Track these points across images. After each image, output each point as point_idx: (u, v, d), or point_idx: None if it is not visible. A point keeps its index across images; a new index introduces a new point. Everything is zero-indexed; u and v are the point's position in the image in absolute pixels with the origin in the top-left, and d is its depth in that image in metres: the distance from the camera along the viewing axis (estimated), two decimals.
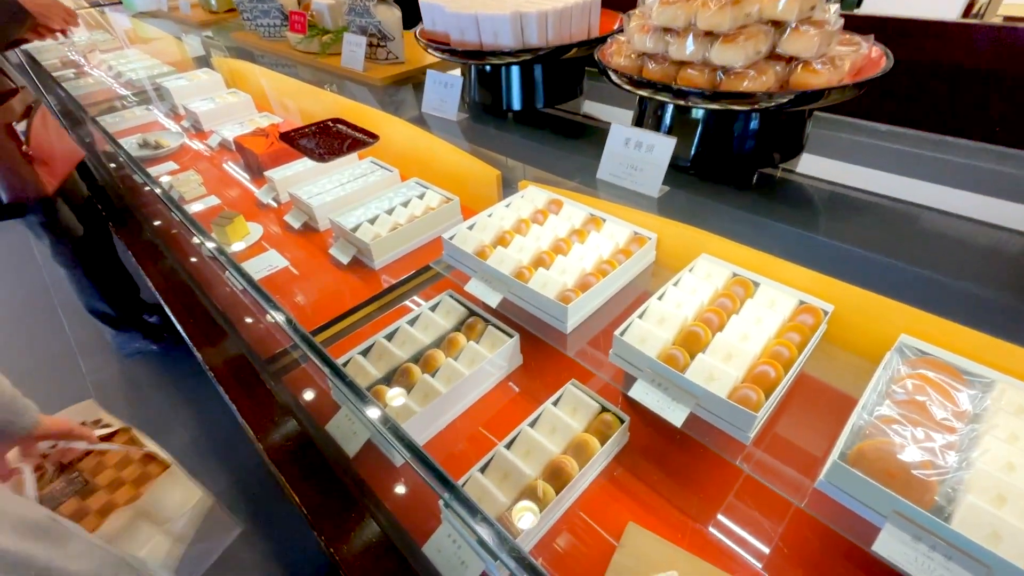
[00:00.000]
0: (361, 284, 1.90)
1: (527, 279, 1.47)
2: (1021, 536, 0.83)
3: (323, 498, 1.24)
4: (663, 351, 1.22)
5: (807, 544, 1.10)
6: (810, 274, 1.37)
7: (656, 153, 1.68)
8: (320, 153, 2.23)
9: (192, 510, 1.48)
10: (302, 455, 1.35)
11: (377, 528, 1.17)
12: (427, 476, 0.97)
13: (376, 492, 1.25)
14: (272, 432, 1.41)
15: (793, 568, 1.06)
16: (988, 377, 1.10)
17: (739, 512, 1.17)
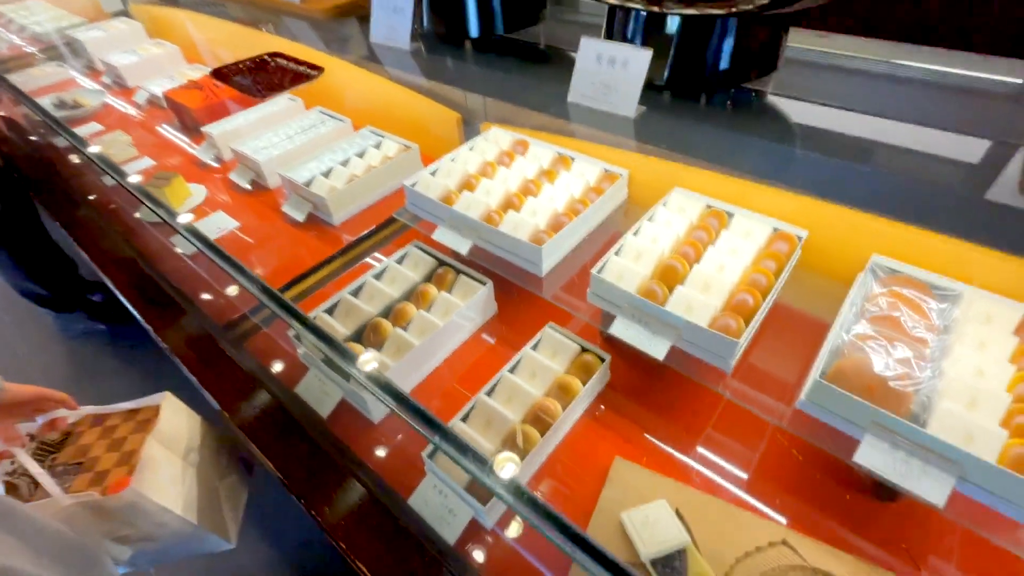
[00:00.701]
0: (320, 242, 1.79)
1: (497, 223, 1.41)
2: (991, 436, 0.86)
3: (300, 463, 1.19)
4: (641, 286, 1.19)
5: (786, 463, 1.13)
6: (784, 198, 1.35)
7: (631, 69, 1.59)
8: (259, 90, 2.02)
9: (203, 437, 1.44)
10: (273, 422, 1.28)
11: (360, 487, 1.14)
12: (415, 422, 0.92)
13: (355, 451, 1.20)
14: (239, 402, 1.33)
15: (774, 486, 1.09)
16: (956, 289, 1.12)
17: (722, 439, 1.18)
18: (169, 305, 1.67)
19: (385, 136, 2.06)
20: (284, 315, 1.14)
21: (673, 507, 1.00)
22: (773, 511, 1.04)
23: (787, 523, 1.02)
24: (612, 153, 1.62)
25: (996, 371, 0.97)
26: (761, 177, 1.39)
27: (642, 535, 0.95)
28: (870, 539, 0.99)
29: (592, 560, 0.72)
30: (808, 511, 1.04)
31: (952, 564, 0.96)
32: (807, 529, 1.00)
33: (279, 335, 1.50)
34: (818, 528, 1.01)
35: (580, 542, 0.74)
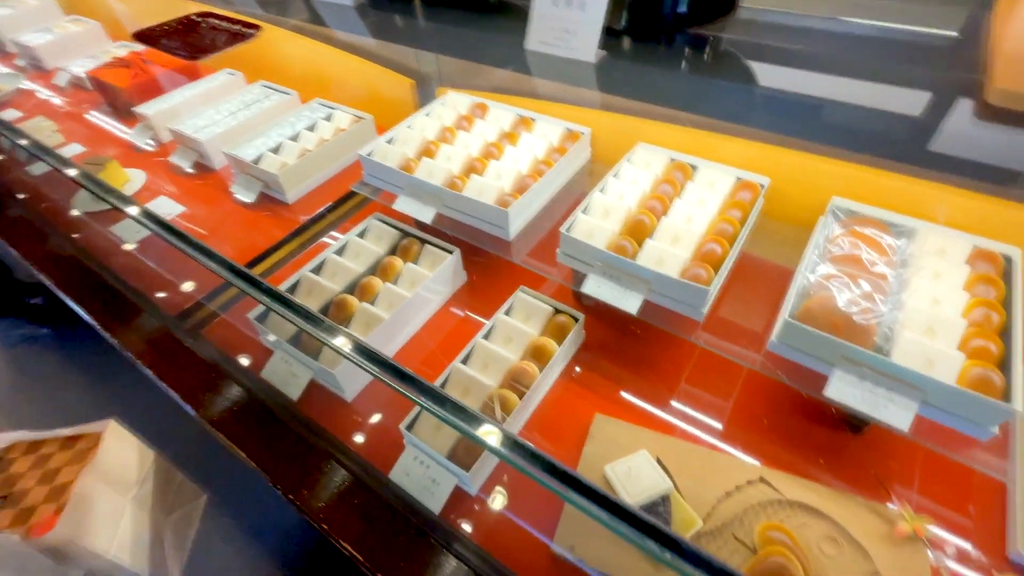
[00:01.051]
0: (275, 222, 1.70)
1: (460, 188, 1.36)
2: (950, 359, 0.90)
3: (274, 450, 1.14)
4: (611, 242, 1.18)
5: (760, 406, 1.15)
6: (746, 147, 1.35)
7: (589, 11, 1.54)
8: (190, 53, 1.87)
9: (151, 470, 1.33)
10: (241, 410, 1.22)
11: (339, 468, 1.10)
12: (401, 386, 0.88)
13: (331, 431, 1.16)
14: (202, 393, 1.26)
15: (750, 429, 1.11)
16: (911, 226, 1.16)
17: (698, 388, 1.20)
18: (116, 300, 1.56)
19: (336, 107, 1.96)
20: (254, 292, 1.07)
21: (654, 456, 1.01)
22: (750, 453, 1.07)
23: (764, 463, 1.05)
24: (574, 112, 1.59)
25: (951, 299, 1.01)
26: (723, 120, 1.38)
27: (626, 485, 0.95)
28: (841, 469, 1.03)
29: (588, 500, 0.72)
30: (783, 449, 1.07)
31: (915, 486, 1.01)
32: (783, 466, 1.03)
33: (238, 320, 1.43)
34: (793, 464, 1.04)
35: (573, 483, 0.74)
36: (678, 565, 0.64)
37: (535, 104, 1.64)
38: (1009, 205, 1.11)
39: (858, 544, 0.90)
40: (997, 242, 1.09)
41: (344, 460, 1.10)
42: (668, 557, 0.65)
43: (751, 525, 0.93)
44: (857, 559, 0.88)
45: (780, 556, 0.84)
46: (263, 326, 1.25)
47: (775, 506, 0.95)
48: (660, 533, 0.67)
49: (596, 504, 0.71)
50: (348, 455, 1.12)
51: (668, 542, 0.66)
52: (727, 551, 0.91)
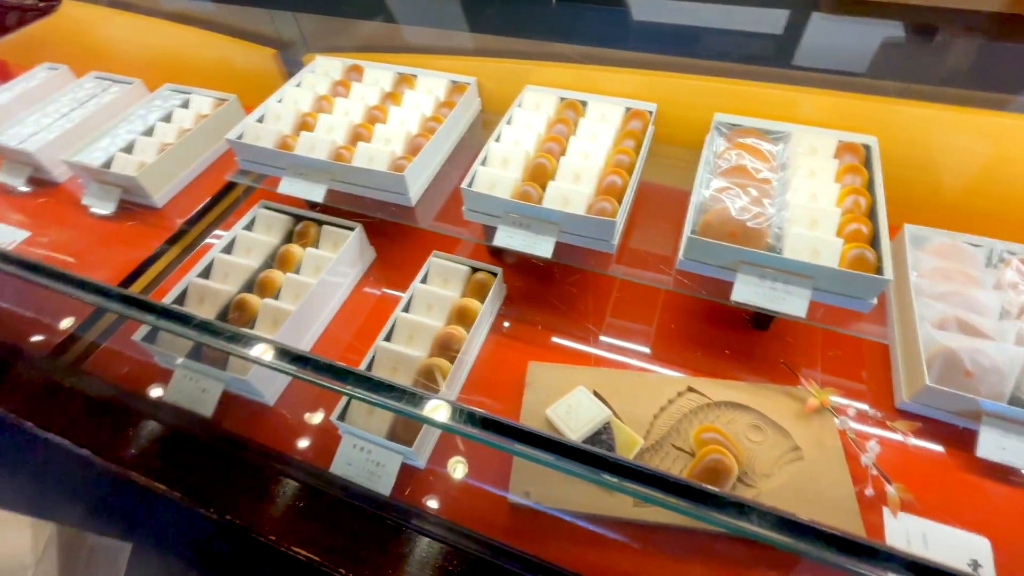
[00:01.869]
0: (146, 231, 1.51)
1: (348, 159, 1.27)
2: (831, 246, 0.98)
3: (198, 475, 1.04)
4: (515, 190, 1.16)
5: (678, 322, 1.21)
6: (631, 76, 1.37)
7: None
8: None
9: (50, 543, 1.17)
10: (152, 442, 1.10)
11: (274, 476, 1.03)
12: (323, 378, 0.81)
13: (257, 440, 1.08)
14: (101, 435, 1.12)
15: (673, 345, 1.17)
16: (785, 130, 1.24)
17: (620, 317, 1.24)
18: None
19: (192, 91, 1.74)
20: (134, 312, 0.94)
21: (591, 390, 1.04)
22: (676, 367, 1.13)
23: (690, 373, 1.11)
24: (456, 62, 1.51)
25: (826, 192, 1.10)
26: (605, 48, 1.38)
27: (568, 423, 0.98)
28: (756, 364, 1.12)
29: (534, 447, 0.72)
30: (704, 357, 1.14)
31: (818, 365, 1.12)
32: (706, 372, 1.10)
33: (125, 345, 1.27)
34: (715, 369, 1.11)
35: (517, 434, 0.73)
36: (627, 487, 0.66)
37: (413, 59, 1.55)
38: (863, 98, 1.21)
39: (778, 426, 0.99)
40: (857, 134, 1.20)
41: (279, 466, 1.03)
42: (616, 481, 0.67)
43: (687, 432, 0.99)
44: (779, 439, 0.97)
45: (715, 453, 0.90)
46: (154, 347, 1.12)
47: (704, 410, 1.02)
48: (606, 461, 0.68)
49: (542, 449, 0.71)
50: (283, 460, 1.05)
51: (614, 467, 0.68)
52: (669, 460, 0.96)
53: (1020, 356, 0.95)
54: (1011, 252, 1.12)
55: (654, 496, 0.65)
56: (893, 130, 1.18)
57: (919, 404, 0.99)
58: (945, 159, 1.21)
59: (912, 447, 0.96)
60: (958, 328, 1.01)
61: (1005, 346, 0.96)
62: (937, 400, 0.96)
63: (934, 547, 0.86)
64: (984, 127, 1.16)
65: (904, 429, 0.95)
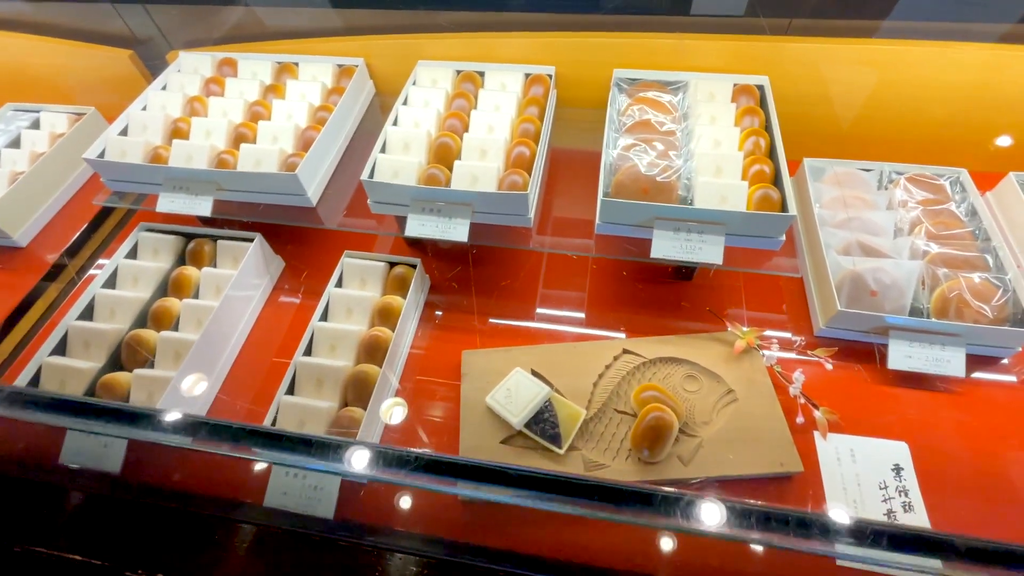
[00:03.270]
0: (11, 274, 1.32)
1: (233, 164, 1.15)
2: (737, 190, 0.99)
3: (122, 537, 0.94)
4: (421, 175, 1.10)
5: (605, 285, 1.21)
6: (526, 40, 1.32)
7: None
8: None
9: None
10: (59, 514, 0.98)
11: (200, 523, 0.95)
12: (230, 449, 0.76)
13: (177, 489, 0.99)
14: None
15: (604, 311, 1.17)
16: (683, 80, 1.24)
17: (549, 288, 1.22)
18: None
19: (41, 108, 1.52)
20: None
21: (528, 370, 1.02)
22: (610, 331, 1.13)
23: (625, 335, 1.11)
24: (339, 44, 1.40)
25: (728, 137, 1.11)
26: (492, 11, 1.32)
27: (508, 408, 0.95)
28: (686, 315, 1.14)
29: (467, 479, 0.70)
30: (635, 317, 1.15)
31: (742, 306, 1.15)
32: (640, 331, 1.11)
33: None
34: (648, 327, 1.12)
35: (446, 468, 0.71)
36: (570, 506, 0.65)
37: (291, 45, 1.42)
38: (751, 39, 1.22)
39: (711, 373, 1.01)
40: (750, 75, 1.21)
41: (204, 510, 0.95)
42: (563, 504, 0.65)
43: (626, 394, 0.99)
44: (713, 386, 1.00)
45: (655, 411, 0.91)
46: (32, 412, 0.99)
47: (641, 370, 1.02)
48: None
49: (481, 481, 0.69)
50: (206, 503, 0.96)
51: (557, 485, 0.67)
52: (614, 425, 0.96)
53: (916, 269, 1.01)
54: (898, 172, 1.19)
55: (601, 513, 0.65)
56: (782, 67, 1.21)
57: (835, 329, 1.04)
58: (830, 91, 1.25)
59: (831, 370, 1.01)
60: (860, 251, 1.07)
61: (902, 262, 1.02)
62: (849, 322, 1.01)
63: (861, 460, 0.92)
64: (862, 56, 1.21)
65: (823, 355, 1.00)
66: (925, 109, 1.25)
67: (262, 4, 1.44)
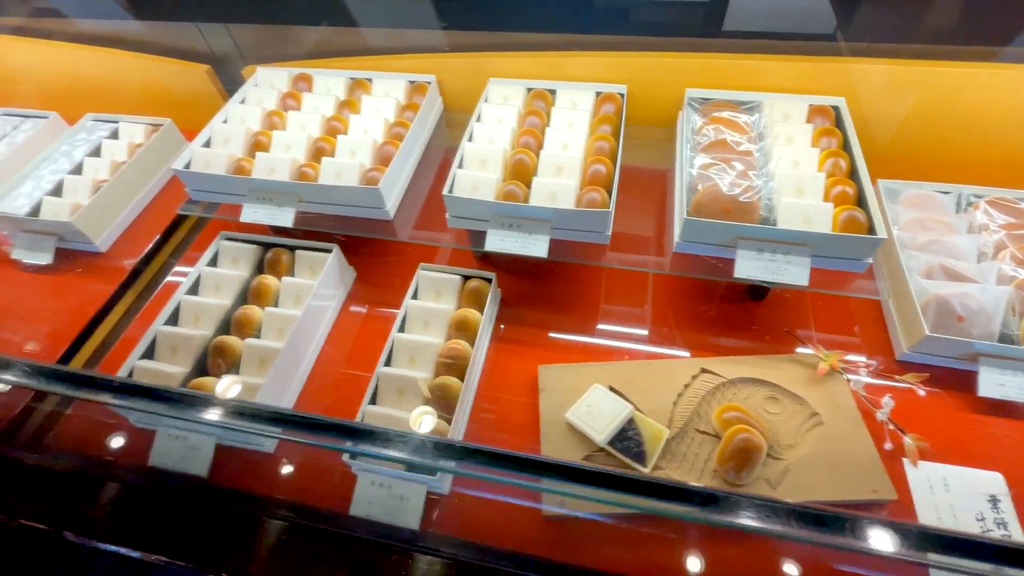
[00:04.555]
0: (92, 279, 1.36)
1: (314, 177, 1.18)
2: (822, 211, 0.99)
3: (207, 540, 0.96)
4: (499, 191, 1.12)
5: (675, 303, 1.21)
6: (597, 59, 1.33)
7: None
8: None
9: None
10: (138, 514, 1.00)
11: (287, 527, 0.96)
12: (320, 439, 0.77)
13: (260, 493, 1.00)
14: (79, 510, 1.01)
15: (675, 329, 1.16)
16: (757, 100, 1.24)
17: (619, 304, 1.22)
18: None
19: (120, 119, 1.58)
20: (88, 393, 0.84)
21: (606, 386, 1.02)
22: (683, 350, 1.12)
23: (696, 354, 1.11)
24: (410, 61, 1.44)
25: (806, 157, 1.11)
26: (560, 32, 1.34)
27: (591, 424, 0.95)
28: (759, 335, 1.13)
29: (558, 478, 0.70)
30: (706, 336, 1.14)
31: (812, 330, 1.14)
32: (713, 351, 1.10)
33: (92, 407, 1.15)
34: (719, 346, 1.12)
35: (540, 467, 0.71)
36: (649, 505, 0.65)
37: (363, 62, 1.46)
38: (826, 60, 1.22)
39: (793, 395, 1.00)
40: (825, 96, 1.21)
41: (291, 516, 0.96)
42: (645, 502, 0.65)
43: (707, 415, 0.99)
44: (796, 408, 0.99)
45: (742, 432, 0.90)
46: (127, 412, 1.02)
47: (720, 390, 1.02)
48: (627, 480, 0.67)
49: (566, 480, 0.69)
50: (294, 510, 0.98)
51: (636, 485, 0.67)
52: (696, 445, 0.96)
53: (1003, 295, 0.99)
54: (977, 196, 1.17)
55: (677, 511, 0.64)
56: (856, 89, 1.21)
57: (919, 354, 1.02)
58: (906, 112, 1.24)
59: (919, 396, 0.99)
60: (944, 275, 1.05)
61: (989, 287, 1.01)
62: (936, 348, 0.99)
63: (955, 490, 0.89)
64: (939, 78, 1.20)
65: (914, 381, 0.99)
66: (1002, 132, 1.24)
67: (333, 24, 1.48)
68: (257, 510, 0.98)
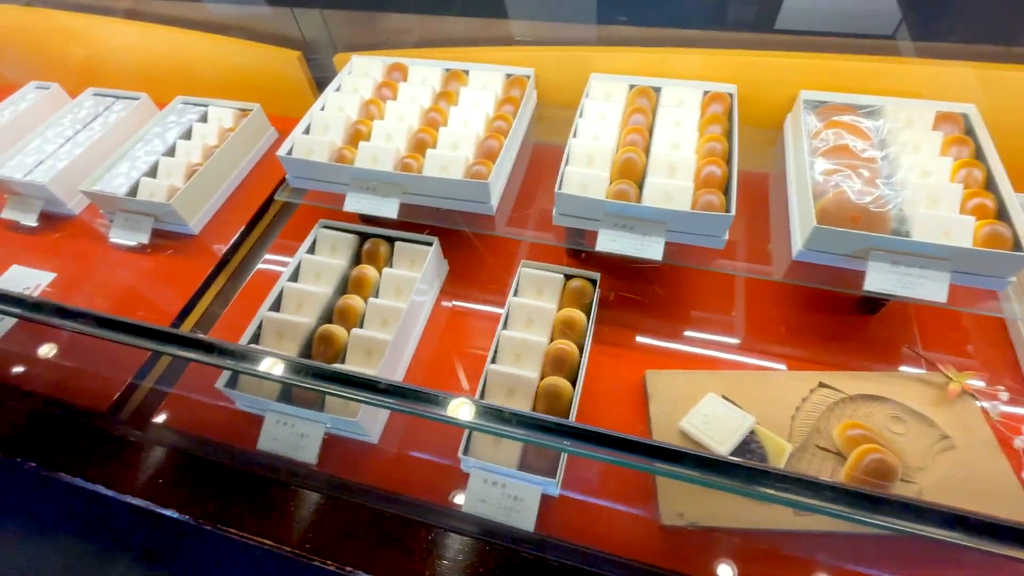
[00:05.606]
0: (187, 261, 1.38)
1: (418, 168, 1.17)
2: (962, 225, 0.94)
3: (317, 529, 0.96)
4: (611, 189, 1.09)
5: (784, 313, 1.17)
6: (703, 56, 1.29)
7: None
8: None
9: None
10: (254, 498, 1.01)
11: (391, 521, 0.96)
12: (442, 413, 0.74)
13: (367, 483, 1.00)
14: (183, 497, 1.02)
15: (784, 339, 1.13)
16: (876, 103, 1.19)
17: (724, 312, 1.18)
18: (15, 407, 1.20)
19: (210, 103, 1.60)
20: (215, 359, 0.84)
21: (719, 395, 0.99)
22: (797, 362, 1.08)
23: (807, 366, 1.07)
24: (503, 53, 1.41)
25: (936, 167, 1.06)
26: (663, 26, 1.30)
27: (710, 434, 0.93)
28: (876, 350, 1.08)
29: (682, 466, 0.67)
30: (818, 349, 1.10)
31: (932, 346, 1.09)
32: (828, 365, 1.06)
33: (195, 389, 1.17)
34: (831, 359, 1.07)
35: (661, 453, 0.68)
36: (792, 499, 0.62)
37: (458, 53, 1.44)
38: (956, 64, 1.16)
39: (920, 415, 0.96)
40: (953, 103, 1.15)
41: (392, 510, 0.96)
42: (783, 494, 0.62)
43: (828, 431, 0.95)
44: (923, 429, 0.94)
45: (874, 452, 0.86)
46: (238, 391, 1.03)
47: (841, 406, 0.98)
48: (759, 472, 0.64)
49: (694, 467, 0.66)
50: (403, 504, 0.97)
51: (768, 478, 0.63)
52: (817, 463, 0.93)
53: None
54: None
55: (823, 507, 0.61)
56: (990, 96, 1.14)
57: None
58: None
59: None
60: None
61: None
62: None
63: None
64: None
65: None
66: None
67: (425, 12, 1.47)
68: (367, 502, 0.98)
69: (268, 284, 1.31)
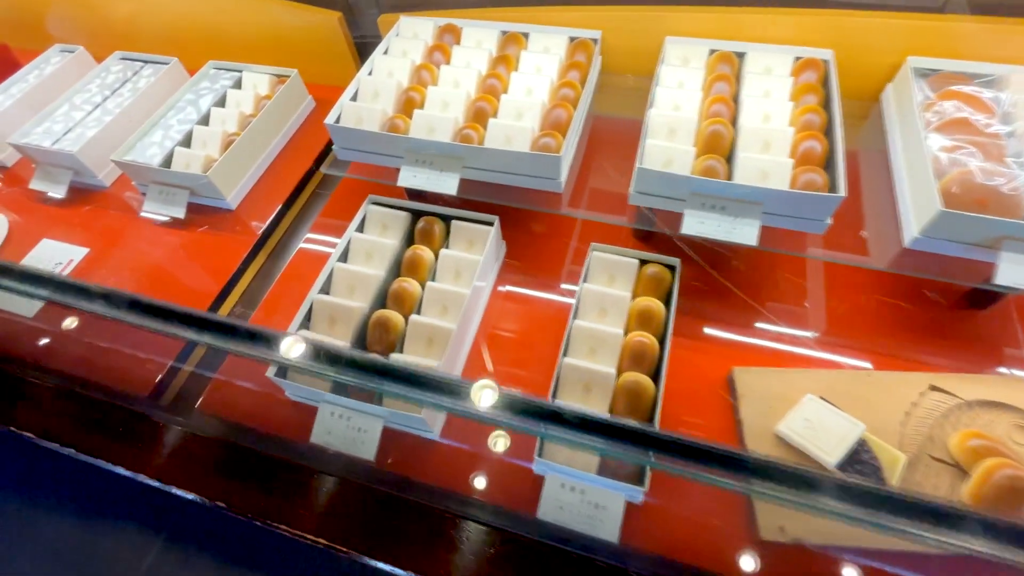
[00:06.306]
0: (222, 237, 1.30)
1: (478, 140, 1.07)
2: None
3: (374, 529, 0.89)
4: (697, 165, 0.98)
5: (883, 307, 1.06)
6: (790, 19, 1.16)
7: None
8: None
9: None
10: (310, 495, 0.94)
11: (470, 527, 0.88)
12: (521, 422, 0.66)
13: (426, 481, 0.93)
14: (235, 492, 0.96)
15: (888, 335, 1.02)
16: (994, 73, 1.05)
17: (818, 305, 1.07)
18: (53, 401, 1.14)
19: (243, 68, 1.50)
20: (262, 352, 0.76)
21: (818, 397, 0.89)
22: (901, 362, 0.98)
23: (902, 367, 0.97)
24: (565, 13, 1.29)
25: None
26: None
27: (815, 442, 0.84)
28: (990, 351, 0.98)
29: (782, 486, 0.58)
30: (923, 347, 1.00)
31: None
32: (933, 366, 0.96)
33: (240, 374, 1.10)
34: (946, 361, 0.97)
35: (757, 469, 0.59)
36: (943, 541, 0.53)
37: (513, 13, 1.32)
38: None
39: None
40: None
41: (470, 513, 0.89)
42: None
43: (943, 440, 0.85)
44: None
45: (1006, 467, 0.77)
46: (289, 381, 0.95)
47: (957, 412, 0.88)
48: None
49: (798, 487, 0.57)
50: (470, 505, 0.90)
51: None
52: (932, 475, 0.83)
53: None
54: None
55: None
56: None
57: None
58: None
59: None
60: None
61: None
62: None
63: None
64: None
65: None
66: None
67: None
68: (429, 501, 0.91)
69: (311, 264, 1.23)
